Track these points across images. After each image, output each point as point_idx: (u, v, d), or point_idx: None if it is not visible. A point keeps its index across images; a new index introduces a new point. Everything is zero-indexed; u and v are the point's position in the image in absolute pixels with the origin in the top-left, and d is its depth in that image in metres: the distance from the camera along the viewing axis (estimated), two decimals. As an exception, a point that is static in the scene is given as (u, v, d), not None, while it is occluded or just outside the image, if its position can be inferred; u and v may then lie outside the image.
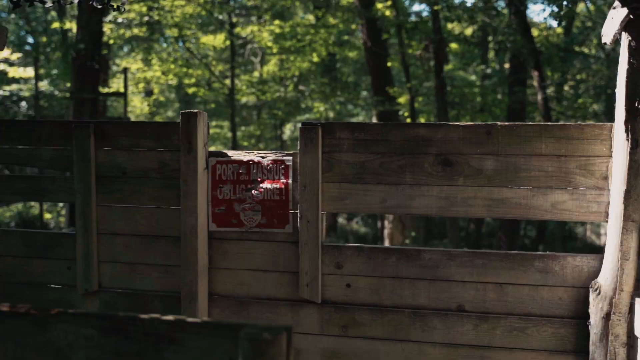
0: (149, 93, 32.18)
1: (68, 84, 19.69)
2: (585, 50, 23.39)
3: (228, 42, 21.86)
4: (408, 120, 23.00)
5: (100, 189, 4.35)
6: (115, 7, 4.10)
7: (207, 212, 4.19)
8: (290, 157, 4.10)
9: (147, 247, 4.32)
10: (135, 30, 20.80)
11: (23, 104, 25.58)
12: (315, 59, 22.01)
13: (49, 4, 4.00)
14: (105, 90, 19.17)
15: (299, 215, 4.03)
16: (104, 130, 4.34)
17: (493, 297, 3.86)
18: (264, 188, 4.10)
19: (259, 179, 4.11)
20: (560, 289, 3.78)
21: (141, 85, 22.64)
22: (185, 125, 4.11)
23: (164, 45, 22.66)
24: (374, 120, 27.36)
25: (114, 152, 4.33)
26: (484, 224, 30.60)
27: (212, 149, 20.67)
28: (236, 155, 4.18)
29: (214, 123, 30.64)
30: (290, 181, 4.08)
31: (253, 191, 4.12)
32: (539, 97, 14.55)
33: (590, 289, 3.65)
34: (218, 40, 21.84)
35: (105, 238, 4.38)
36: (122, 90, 19.58)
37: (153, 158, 4.27)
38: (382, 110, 21.41)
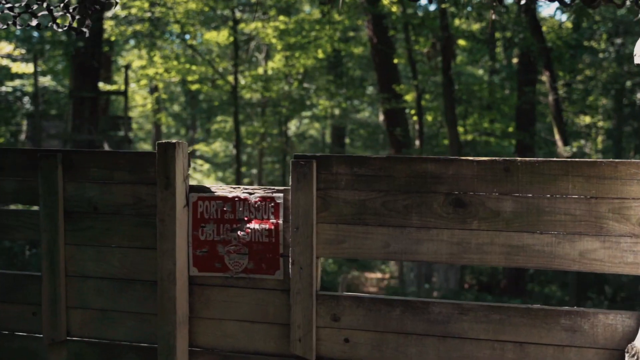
0: (154, 89, 31.72)
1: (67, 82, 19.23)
2: (594, 44, 22.77)
3: (232, 39, 21.33)
4: (414, 117, 22.45)
5: (69, 225, 3.85)
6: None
7: (187, 255, 3.68)
8: (281, 194, 3.59)
9: (121, 292, 3.82)
10: (138, 27, 20.31)
11: (26, 99, 25.12)
12: (321, 55, 21.47)
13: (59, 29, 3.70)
14: (106, 88, 18.70)
15: (290, 261, 3.52)
16: (72, 160, 3.83)
17: (512, 358, 3.34)
18: (251, 228, 3.59)
19: (246, 218, 3.61)
20: (590, 350, 3.26)
21: (143, 82, 22.15)
22: (162, 157, 3.60)
23: (167, 41, 22.15)
24: (381, 117, 26.78)
25: (85, 185, 3.82)
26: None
27: (216, 144, 20.04)
28: (220, 190, 3.67)
29: (219, 118, 30.19)
30: (280, 221, 3.57)
31: (239, 232, 3.61)
32: (550, 97, 14.00)
33: (627, 354, 3.13)
34: (221, 36, 21.33)
35: (74, 281, 3.88)
36: (125, 87, 19.06)
37: (127, 192, 3.77)
38: (389, 108, 20.87)
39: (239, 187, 3.67)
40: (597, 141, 26.46)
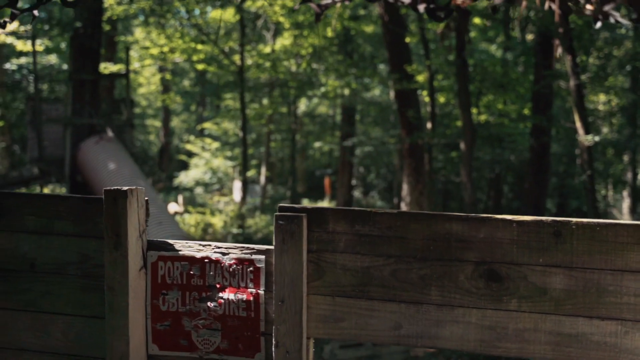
0: (162, 67, 30.83)
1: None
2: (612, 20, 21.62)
3: (238, 17, 20.37)
4: (426, 98, 21.48)
5: (0, 287, 3.05)
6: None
7: (144, 330, 2.87)
8: (262, 257, 2.76)
9: (65, 370, 3.02)
10: (142, 3, 19.38)
11: (32, 77, 24.27)
12: (330, 34, 20.50)
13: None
14: (108, 70, 17.84)
15: (274, 342, 2.71)
16: (3, 205, 3.01)
17: None
18: (224, 299, 2.77)
19: (218, 285, 2.78)
20: None
21: (148, 61, 21.27)
22: (111, 209, 2.77)
23: (171, 19, 21.21)
24: (392, 95, 25.76)
25: (19, 237, 3.00)
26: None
27: (226, 122, 19.18)
28: (186, 249, 2.84)
29: (228, 95, 29.28)
30: (261, 291, 2.74)
31: (209, 302, 2.79)
32: (572, 82, 13.01)
33: None
34: (227, 14, 20.36)
35: (7, 355, 3.07)
36: (126, 69, 18.18)
37: (72, 247, 2.94)
38: (400, 89, 19.95)
39: (209, 245, 2.84)
40: (613, 121, 25.46)
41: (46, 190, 20.02)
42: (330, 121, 33.79)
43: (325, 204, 33.14)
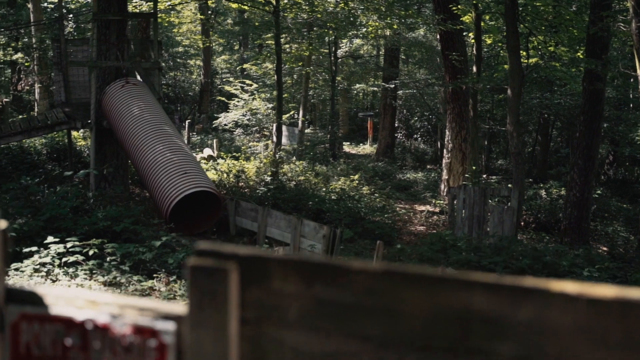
0: (203, 5, 29.66)
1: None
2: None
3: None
4: (472, 40, 19.94)
5: None
6: None
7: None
8: (171, 327, 1.72)
9: None
10: None
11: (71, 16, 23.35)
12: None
13: None
14: (135, 10, 16.76)
15: None
16: None
17: None
18: (117, 383, 1.75)
19: (108, 360, 1.77)
20: None
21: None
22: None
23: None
24: (439, 41, 24.13)
25: None
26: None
27: (267, 63, 18.25)
28: (61, 304, 1.82)
29: (268, 35, 28.01)
30: (171, 377, 1.72)
31: (96, 389, 1.78)
32: (633, 24, 11.49)
33: None
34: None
35: None
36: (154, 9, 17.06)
37: None
38: (445, 30, 18.50)
39: (95, 302, 1.81)
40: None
41: (75, 136, 19.34)
42: (373, 62, 32.32)
43: (367, 147, 31.98)
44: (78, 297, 1.82)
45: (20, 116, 21.33)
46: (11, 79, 28.42)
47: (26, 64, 22.98)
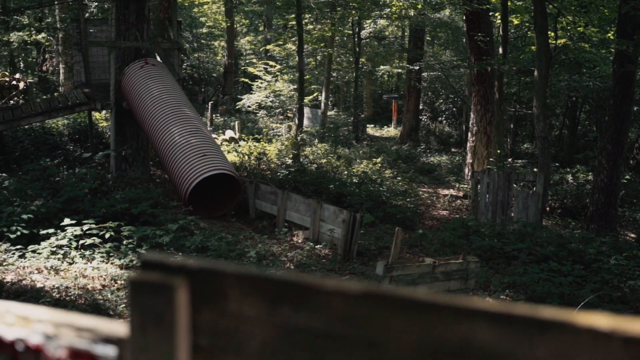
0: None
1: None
2: None
3: None
4: (499, 21, 19.38)
5: None
6: None
7: None
8: (112, 352, 1.42)
9: None
10: None
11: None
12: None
13: None
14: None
15: None
16: None
17: None
18: (53, 417, 1.46)
19: (43, 389, 1.47)
20: None
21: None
22: None
23: None
24: (464, 22, 23.54)
25: None
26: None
27: (289, 45, 17.86)
28: (-10, 320, 1.53)
29: (292, 15, 27.59)
30: (112, 413, 1.42)
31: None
32: (668, 3, 10.93)
33: None
34: None
35: None
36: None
37: None
38: (470, 10, 17.98)
39: (28, 319, 1.52)
40: None
41: (97, 117, 19.21)
42: (398, 44, 31.76)
43: (391, 129, 31.53)
44: (9, 311, 1.53)
45: (44, 97, 21.24)
46: (36, 59, 28.39)
47: (46, 43, 22.84)
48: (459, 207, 17.77)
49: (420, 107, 30.12)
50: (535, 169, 17.57)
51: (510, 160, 21.49)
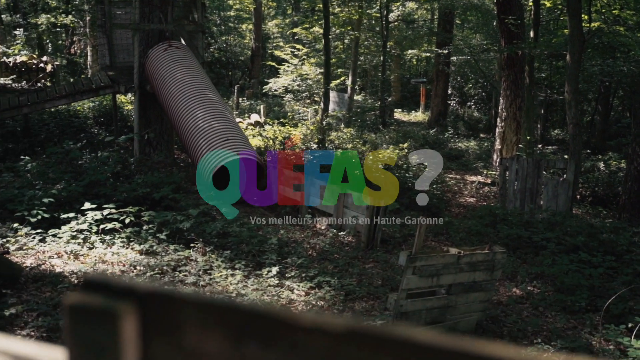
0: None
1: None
2: None
3: None
4: (530, 3, 18.83)
5: None
6: None
7: None
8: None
9: None
10: None
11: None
12: None
13: None
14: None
15: None
16: None
17: None
18: None
19: None
20: None
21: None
22: None
23: None
24: (495, 5, 22.94)
25: None
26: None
27: (316, 28, 17.52)
28: None
29: (320, -1, 27.24)
30: None
31: None
32: None
33: None
34: None
35: None
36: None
37: None
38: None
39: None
40: None
41: (123, 100, 19.11)
42: (427, 27, 31.21)
43: (419, 114, 31.08)
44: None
45: (71, 80, 21.21)
46: (65, 42, 28.42)
47: (71, 25, 22.78)
48: (487, 194, 17.38)
49: (449, 92, 29.63)
50: (565, 156, 17.10)
51: (540, 146, 20.98)
